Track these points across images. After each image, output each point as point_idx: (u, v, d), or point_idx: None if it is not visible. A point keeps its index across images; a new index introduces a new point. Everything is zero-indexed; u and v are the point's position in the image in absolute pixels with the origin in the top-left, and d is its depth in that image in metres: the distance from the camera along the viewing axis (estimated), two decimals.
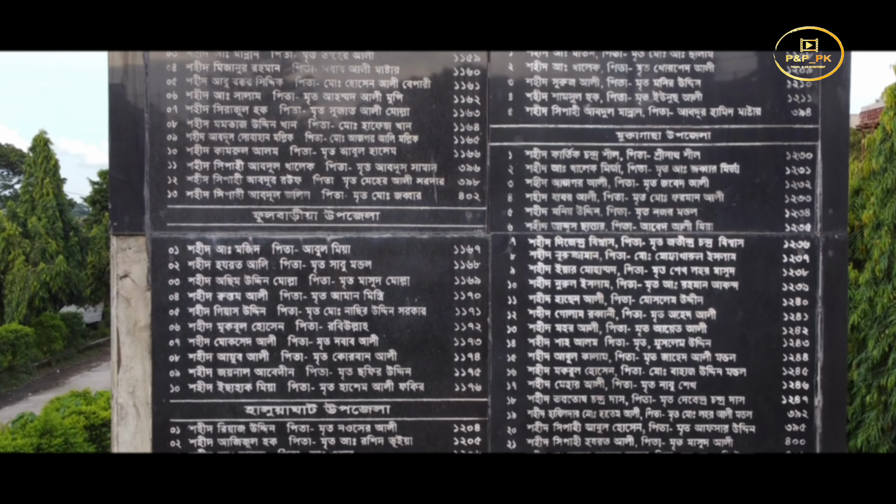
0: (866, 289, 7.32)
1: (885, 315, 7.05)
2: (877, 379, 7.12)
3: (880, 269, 7.09)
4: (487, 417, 2.00)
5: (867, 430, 7.19)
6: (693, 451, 2.02)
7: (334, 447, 1.99)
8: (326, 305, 1.98)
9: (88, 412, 10.84)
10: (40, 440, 9.85)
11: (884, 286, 7.14)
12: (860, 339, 7.60)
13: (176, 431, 1.97)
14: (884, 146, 7.31)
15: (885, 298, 7.10)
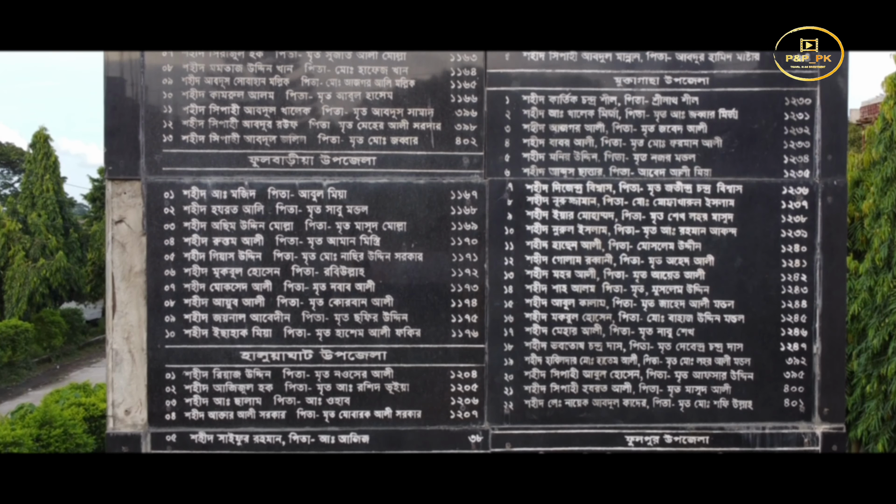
0: (866, 278, 7.31)
1: (885, 304, 7.04)
2: (877, 368, 7.10)
3: (880, 257, 7.07)
4: (484, 364, 1.99)
5: (867, 420, 7.18)
6: (691, 398, 2.00)
7: (330, 393, 1.98)
8: (322, 251, 1.97)
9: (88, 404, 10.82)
10: (39, 430, 9.83)
11: (884, 275, 7.12)
12: (860, 328, 7.59)
13: (171, 377, 1.96)
14: (883, 135, 7.30)
15: (885, 287, 7.08)
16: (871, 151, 7.52)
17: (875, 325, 7.12)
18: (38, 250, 20.03)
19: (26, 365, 17.79)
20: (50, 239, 20.20)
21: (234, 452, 1.96)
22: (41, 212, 20.57)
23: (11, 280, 19.67)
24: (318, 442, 1.97)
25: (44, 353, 19.27)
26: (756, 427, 2.01)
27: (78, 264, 21.04)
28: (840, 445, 2.02)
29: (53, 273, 19.67)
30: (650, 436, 2.01)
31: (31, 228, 20.31)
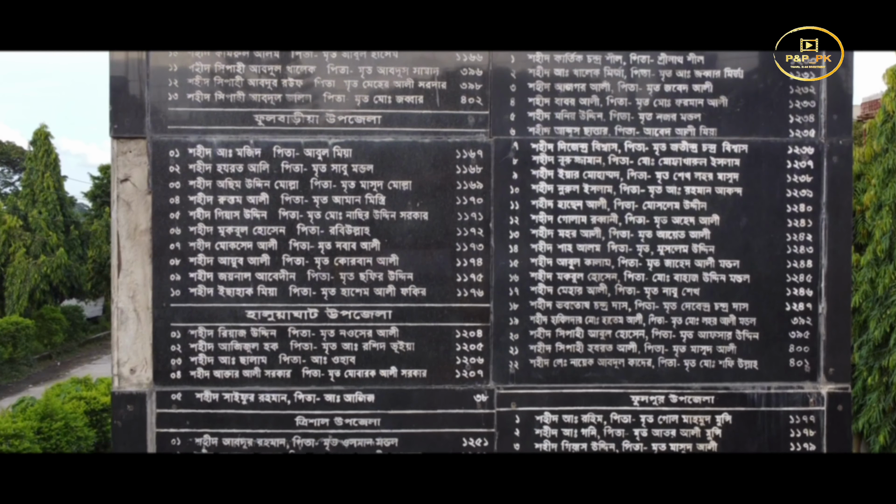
0: (867, 270, 7.31)
1: (886, 295, 7.03)
2: (878, 360, 7.10)
3: (882, 249, 7.07)
4: (490, 323, 1.99)
5: (868, 413, 7.18)
6: (696, 358, 2.00)
7: (336, 352, 1.97)
8: (328, 209, 1.97)
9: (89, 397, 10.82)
10: (41, 423, 9.84)
11: (885, 266, 7.12)
12: (861, 321, 7.58)
13: (176, 336, 1.96)
14: (885, 127, 7.30)
15: (887, 279, 7.08)
16: (872, 144, 7.52)
17: (876, 317, 7.12)
18: (38, 247, 20.04)
19: (27, 361, 17.80)
20: (51, 236, 20.21)
21: (240, 411, 1.96)
22: (42, 209, 20.58)
23: (12, 277, 19.68)
24: (324, 401, 1.97)
25: (44, 349, 19.27)
26: (761, 387, 2.01)
27: (79, 261, 21.05)
28: (845, 405, 2.02)
29: (54, 270, 19.68)
30: (655, 395, 2.01)
31: (32, 225, 20.32)
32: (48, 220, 20.54)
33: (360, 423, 1.98)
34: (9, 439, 8.99)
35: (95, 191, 22.71)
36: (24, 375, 17.15)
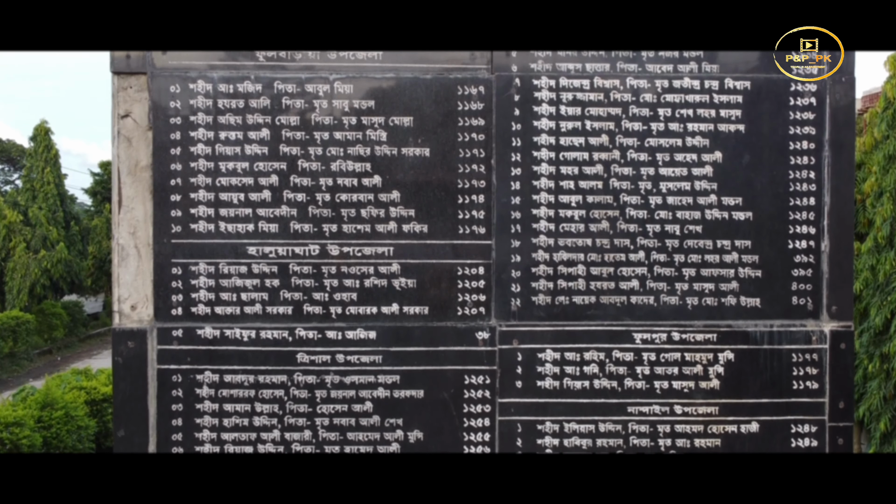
0: (868, 257, 7.30)
1: (887, 282, 7.02)
2: (878, 348, 7.09)
3: (882, 235, 7.06)
4: (491, 260, 1.98)
5: (869, 400, 7.17)
6: (698, 295, 1.99)
7: (337, 289, 1.97)
8: (329, 146, 1.96)
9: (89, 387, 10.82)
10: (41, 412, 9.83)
11: (886, 253, 7.11)
12: (862, 308, 7.57)
13: (177, 272, 1.95)
14: (886, 114, 7.29)
15: (888, 265, 7.07)
16: (872, 133, 7.51)
17: (877, 304, 7.11)
18: (38, 242, 20.03)
19: (27, 356, 17.80)
20: (51, 231, 20.20)
21: (241, 348, 1.95)
22: (42, 204, 20.57)
23: (12, 271, 19.68)
24: (325, 338, 1.97)
25: (45, 344, 19.27)
26: (764, 325, 2.00)
27: (79, 257, 21.04)
28: (848, 344, 2.01)
29: (54, 264, 19.68)
30: (658, 333, 2.00)
31: (32, 220, 20.31)
32: (48, 216, 20.53)
33: (361, 360, 1.97)
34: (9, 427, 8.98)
35: (95, 187, 22.72)
36: (25, 370, 17.15)
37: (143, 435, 1.95)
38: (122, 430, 1.95)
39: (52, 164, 20.99)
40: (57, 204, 20.88)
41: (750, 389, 2.00)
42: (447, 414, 1.98)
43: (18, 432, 9.02)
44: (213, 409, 1.96)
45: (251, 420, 1.96)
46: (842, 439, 2.01)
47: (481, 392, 1.98)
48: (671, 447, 2.00)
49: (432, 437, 1.98)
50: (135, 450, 1.95)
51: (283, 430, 1.96)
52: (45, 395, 9.78)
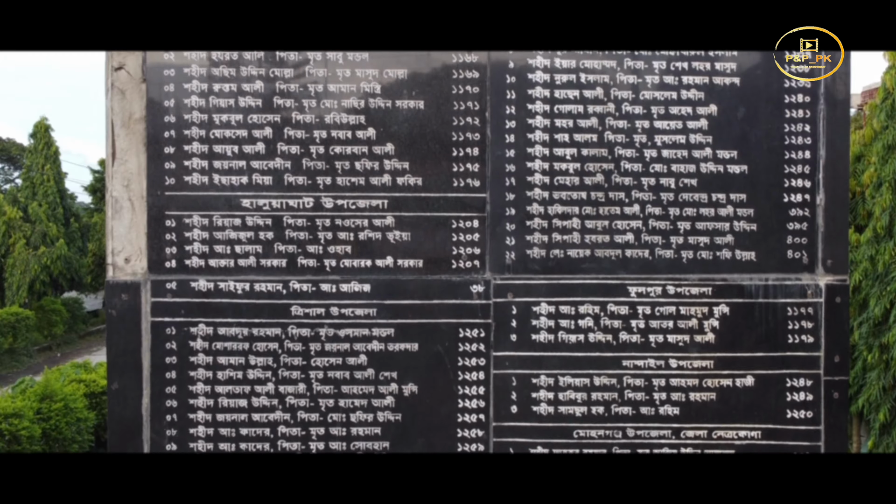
0: (867, 247, 7.29)
1: (886, 272, 7.02)
2: (878, 339, 7.08)
3: (881, 225, 7.05)
4: (486, 213, 1.98)
5: (868, 391, 7.17)
6: (693, 249, 1.99)
7: (331, 242, 1.97)
8: (323, 98, 1.96)
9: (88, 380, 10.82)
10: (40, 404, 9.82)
11: (885, 243, 7.11)
12: (861, 299, 7.56)
13: (171, 224, 1.95)
14: (885, 104, 7.29)
15: (887, 255, 7.06)
16: (872, 124, 7.50)
17: (876, 295, 7.11)
18: (38, 238, 20.05)
19: (27, 352, 17.81)
20: (50, 227, 20.20)
21: (235, 301, 1.95)
22: (42, 201, 20.58)
23: (12, 268, 19.69)
24: (319, 291, 1.96)
25: (44, 341, 19.28)
26: (759, 278, 2.00)
27: (79, 254, 21.05)
28: (843, 298, 2.00)
29: (54, 261, 19.69)
30: (652, 286, 2.00)
31: (32, 217, 20.32)
32: (48, 213, 20.54)
33: (355, 314, 1.97)
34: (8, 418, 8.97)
35: (95, 184, 22.69)
36: (24, 366, 17.15)
37: (136, 388, 1.94)
38: (116, 383, 1.95)
39: (52, 161, 21.00)
40: (57, 201, 20.88)
41: (745, 343, 2.00)
42: (441, 367, 1.98)
43: (18, 423, 9.01)
44: (206, 362, 1.95)
45: (245, 373, 1.96)
46: (837, 393, 2.00)
47: (476, 345, 1.98)
48: (666, 401, 1.99)
49: (427, 391, 1.98)
50: (129, 403, 1.94)
51: (278, 382, 1.96)
52: (44, 387, 9.77)
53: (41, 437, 9.20)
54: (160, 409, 1.94)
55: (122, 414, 1.94)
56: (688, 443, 2.00)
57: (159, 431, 1.95)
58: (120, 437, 1.94)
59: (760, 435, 2.00)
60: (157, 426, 1.95)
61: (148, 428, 1.95)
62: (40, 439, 9.22)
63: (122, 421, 1.94)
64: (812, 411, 2.00)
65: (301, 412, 1.96)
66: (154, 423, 1.94)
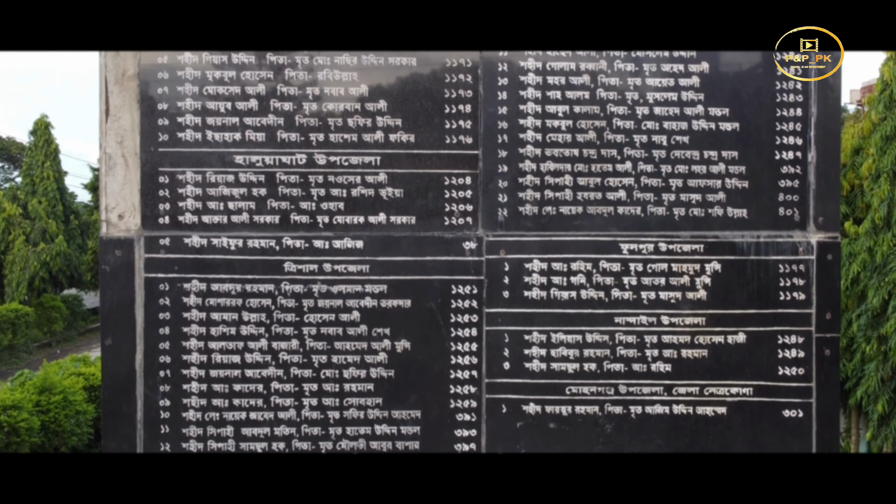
0: (866, 239, 7.30)
1: (884, 263, 7.03)
2: (876, 330, 7.09)
3: (880, 216, 7.06)
4: (478, 170, 1.99)
5: (867, 382, 7.17)
6: (685, 206, 2.00)
7: (324, 198, 1.97)
8: (315, 56, 1.96)
9: (88, 374, 10.81)
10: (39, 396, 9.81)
11: (883, 234, 7.12)
12: (859, 291, 7.57)
13: (164, 181, 1.96)
14: (883, 95, 7.30)
15: (885, 246, 7.07)
16: (871, 116, 7.51)
17: (875, 286, 7.11)
18: (38, 235, 20.05)
19: (27, 349, 17.80)
20: (50, 224, 20.20)
21: (228, 257, 1.96)
22: (42, 198, 20.58)
23: (12, 264, 19.69)
24: (312, 247, 1.97)
25: (44, 337, 19.28)
26: (751, 235, 2.01)
27: (78, 251, 21.03)
28: (835, 255, 2.01)
29: (54, 257, 19.68)
30: (644, 243, 2.00)
31: (32, 214, 20.32)
32: (48, 210, 20.54)
33: (348, 270, 1.97)
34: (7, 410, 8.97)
35: (95, 182, 22.66)
36: (24, 362, 17.14)
37: (130, 343, 1.95)
38: (110, 339, 1.95)
39: (51, 159, 21.00)
40: (57, 198, 20.88)
41: (737, 300, 2.00)
42: (434, 324, 1.98)
43: (17, 415, 9.00)
44: (200, 318, 1.96)
45: (238, 329, 1.96)
46: (828, 350, 2.01)
47: (468, 302, 1.98)
48: (658, 357, 2.00)
49: (419, 347, 1.98)
50: (122, 358, 1.95)
51: (271, 339, 1.96)
52: (43, 379, 9.77)
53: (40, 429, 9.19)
54: (154, 364, 1.95)
55: (115, 369, 1.94)
56: (680, 399, 2.00)
57: (153, 387, 1.95)
58: (113, 393, 1.95)
59: (752, 392, 2.01)
60: (150, 382, 1.95)
61: (141, 384, 1.95)
62: (39, 431, 9.21)
63: (115, 376, 1.94)
64: (804, 368, 2.01)
65: (294, 368, 1.97)
66: (147, 378, 1.95)
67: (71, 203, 22.26)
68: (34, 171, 20.84)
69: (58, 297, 20.49)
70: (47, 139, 21.02)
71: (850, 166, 7.97)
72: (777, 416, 2.00)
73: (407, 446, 1.98)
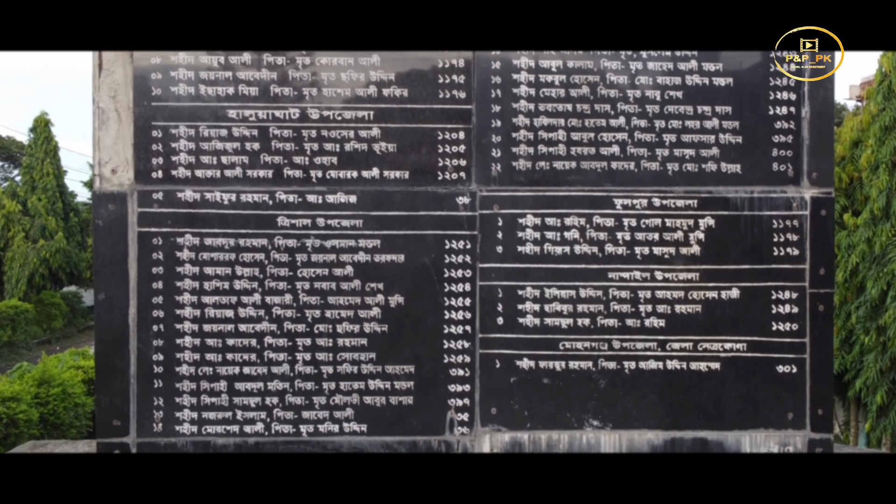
0: (864, 229, 7.30)
1: (883, 254, 7.02)
2: (875, 321, 7.08)
3: (878, 206, 7.06)
4: (472, 125, 1.99)
5: (866, 373, 7.16)
6: (679, 161, 1.99)
7: (317, 153, 1.97)
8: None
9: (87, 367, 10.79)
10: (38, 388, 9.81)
11: (882, 225, 7.12)
12: (858, 282, 7.56)
13: (157, 135, 1.96)
14: (882, 86, 7.30)
15: (884, 237, 7.07)
16: (870, 108, 7.51)
17: (874, 276, 7.11)
18: (37, 232, 20.04)
19: (26, 345, 17.79)
20: (49, 221, 20.20)
21: (222, 211, 1.96)
22: (41, 195, 20.58)
23: (11, 261, 19.68)
24: (306, 202, 1.97)
25: (43, 334, 19.26)
26: (744, 191, 2.00)
27: (78, 248, 21.02)
28: (828, 210, 2.01)
29: (53, 254, 19.67)
30: (638, 199, 2.00)
31: (31, 211, 20.32)
32: (47, 207, 20.53)
33: (342, 224, 1.97)
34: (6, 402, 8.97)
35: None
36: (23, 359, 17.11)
37: (123, 298, 1.95)
38: (103, 294, 1.95)
39: (51, 157, 21.00)
40: (56, 195, 20.88)
41: (730, 255, 2.00)
42: (428, 279, 1.98)
43: (15, 407, 8.99)
44: (193, 273, 1.96)
45: (232, 283, 1.96)
46: (822, 306, 2.01)
47: (462, 257, 1.98)
48: (651, 313, 2.00)
49: (413, 302, 1.98)
50: (116, 313, 1.95)
51: (264, 293, 1.96)
52: (41, 372, 9.76)
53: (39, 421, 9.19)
54: (147, 319, 1.95)
55: (109, 324, 1.94)
56: (673, 355, 2.00)
57: (146, 342, 1.95)
58: (107, 347, 1.94)
59: (746, 347, 2.00)
60: (143, 336, 1.95)
61: (135, 338, 1.95)
62: (38, 423, 9.21)
63: (108, 330, 1.94)
64: (797, 324, 2.00)
65: (287, 323, 1.96)
66: (141, 333, 1.95)
67: (70, 200, 22.25)
68: (34, 168, 20.84)
69: (57, 293, 20.47)
70: (47, 136, 21.02)
71: (848, 159, 7.97)
72: (771, 372, 2.00)
73: (400, 401, 1.98)
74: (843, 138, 7.84)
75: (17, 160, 32.26)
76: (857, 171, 8.07)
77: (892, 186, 7.10)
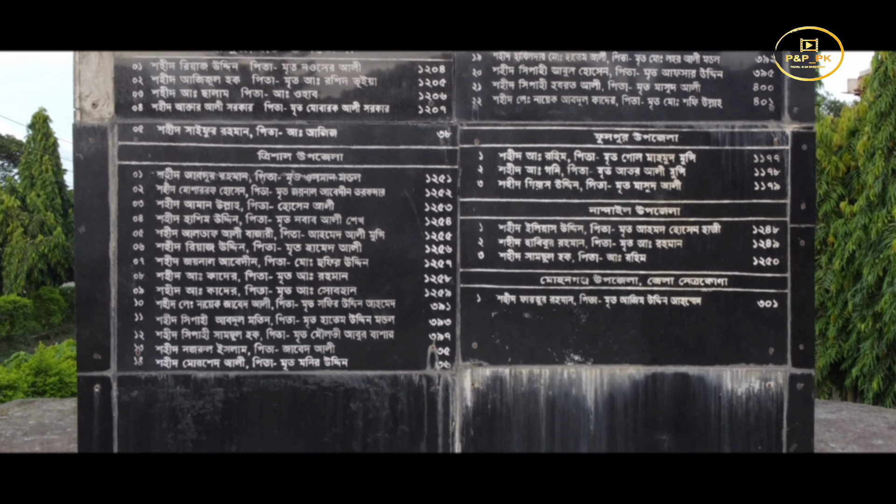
0: (861, 216, 7.29)
1: (879, 240, 7.02)
2: (871, 308, 7.08)
3: (874, 193, 7.05)
4: (452, 59, 1.99)
5: (862, 361, 7.15)
6: (660, 96, 1.99)
7: (297, 86, 1.97)
8: None
9: None
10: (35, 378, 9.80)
11: (878, 211, 7.11)
12: (855, 270, 7.56)
13: (138, 68, 1.96)
14: (878, 73, 7.30)
15: (880, 223, 7.06)
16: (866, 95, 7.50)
17: (870, 263, 7.10)
18: (36, 227, 20.05)
19: (24, 341, 17.77)
20: (48, 216, 20.21)
21: (202, 145, 1.96)
22: (40, 191, 20.59)
23: (10, 256, 19.68)
24: (286, 135, 1.97)
25: (42, 330, 19.24)
26: (725, 125, 2.00)
27: None
28: (809, 145, 2.01)
29: (52, 249, 19.67)
30: (619, 133, 2.00)
31: (30, 207, 20.33)
32: (46, 203, 20.54)
33: (322, 158, 1.97)
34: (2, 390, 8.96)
35: None
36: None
37: (104, 231, 1.95)
38: (83, 227, 1.95)
39: (50, 153, 21.01)
40: (55, 191, 20.88)
41: (711, 190, 2.00)
42: (408, 213, 1.98)
43: (12, 395, 8.99)
44: (174, 206, 1.96)
45: (212, 217, 1.96)
46: (803, 241, 2.00)
47: (442, 191, 1.98)
48: (633, 248, 2.00)
49: (393, 236, 1.98)
50: (96, 246, 1.95)
51: (245, 227, 1.96)
52: (38, 361, 9.75)
53: None
54: (127, 252, 1.95)
55: (89, 257, 1.94)
56: (654, 290, 2.00)
57: (126, 275, 1.95)
58: (87, 281, 1.94)
59: (727, 282, 2.00)
60: (124, 270, 1.95)
61: (115, 272, 1.95)
62: None
63: (89, 264, 1.94)
64: (778, 259, 2.00)
65: (268, 257, 1.96)
66: (121, 266, 1.95)
67: (69, 196, 22.26)
68: (32, 164, 20.85)
69: (56, 289, 20.46)
70: (46, 133, 21.02)
71: (845, 148, 7.97)
72: (752, 307, 2.00)
73: (381, 335, 1.98)
74: (841, 128, 7.84)
75: (16, 159, 32.30)
76: (854, 161, 8.07)
77: (888, 172, 7.11)
